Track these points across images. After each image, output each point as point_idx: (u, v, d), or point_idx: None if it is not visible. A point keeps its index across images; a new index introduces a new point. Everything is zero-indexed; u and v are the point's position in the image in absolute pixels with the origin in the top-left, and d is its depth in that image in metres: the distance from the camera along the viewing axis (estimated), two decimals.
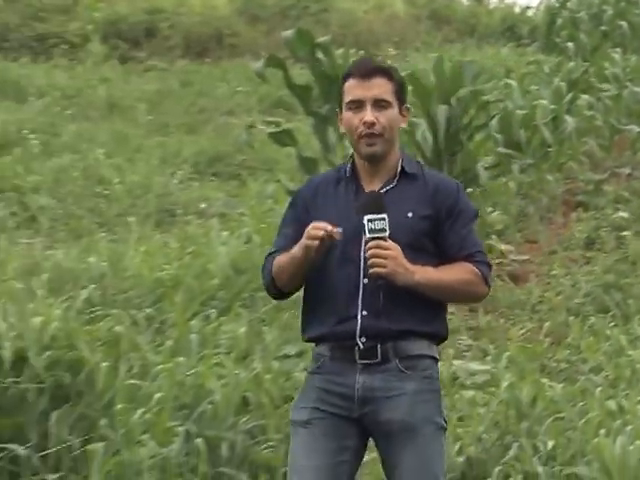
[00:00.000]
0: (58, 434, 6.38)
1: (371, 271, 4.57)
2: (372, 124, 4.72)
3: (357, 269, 4.69)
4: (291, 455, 4.85)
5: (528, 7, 29.78)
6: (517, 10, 30.26)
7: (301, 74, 12.41)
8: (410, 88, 11.90)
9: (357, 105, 4.77)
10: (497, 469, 6.92)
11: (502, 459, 7.02)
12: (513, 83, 16.44)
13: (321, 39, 12.08)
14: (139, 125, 18.72)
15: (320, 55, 11.79)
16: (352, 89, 4.81)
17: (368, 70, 4.83)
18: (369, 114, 4.73)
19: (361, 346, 4.66)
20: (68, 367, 6.67)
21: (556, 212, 13.25)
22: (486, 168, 12.27)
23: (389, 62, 20.94)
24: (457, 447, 7.16)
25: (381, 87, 4.79)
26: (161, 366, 7.23)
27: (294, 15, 25.63)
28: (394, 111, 4.81)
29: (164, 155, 16.42)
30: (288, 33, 12.29)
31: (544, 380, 8.06)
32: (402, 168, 4.85)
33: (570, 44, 22.44)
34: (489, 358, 9.16)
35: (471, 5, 30.71)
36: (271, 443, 6.94)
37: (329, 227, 4.56)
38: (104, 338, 7.17)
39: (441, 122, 11.39)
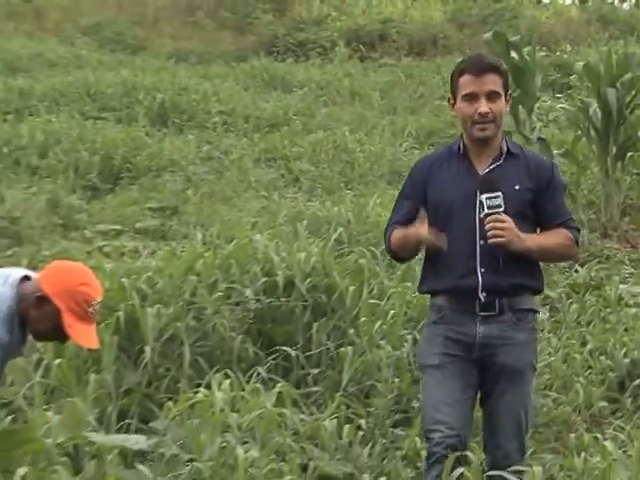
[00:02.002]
0: (318, 340, 6.43)
1: (491, 241, 4.41)
2: (486, 114, 4.51)
3: (473, 232, 4.51)
4: (425, 393, 4.70)
5: None
6: None
7: None
8: (585, 76, 11.77)
9: (472, 98, 4.54)
10: None
11: None
12: None
13: (513, 39, 11.89)
14: (374, 108, 18.71)
15: (512, 52, 11.63)
16: (467, 84, 4.57)
17: (481, 67, 4.60)
18: (484, 105, 4.51)
19: (482, 299, 4.50)
20: (324, 290, 6.71)
21: None
22: None
23: (565, 56, 20.89)
24: (623, 351, 7.04)
25: (493, 82, 4.56)
26: (394, 289, 7.23)
27: (492, 21, 25.29)
28: (502, 101, 4.60)
29: (393, 130, 16.40)
30: (487, 35, 12.17)
31: None
32: (508, 149, 4.65)
33: None
34: None
35: (631, 9, 30.06)
36: None
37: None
38: (351, 268, 7.20)
39: (609, 101, 11.13)
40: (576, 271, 9.30)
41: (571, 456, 4.89)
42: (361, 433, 5.47)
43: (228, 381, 5.43)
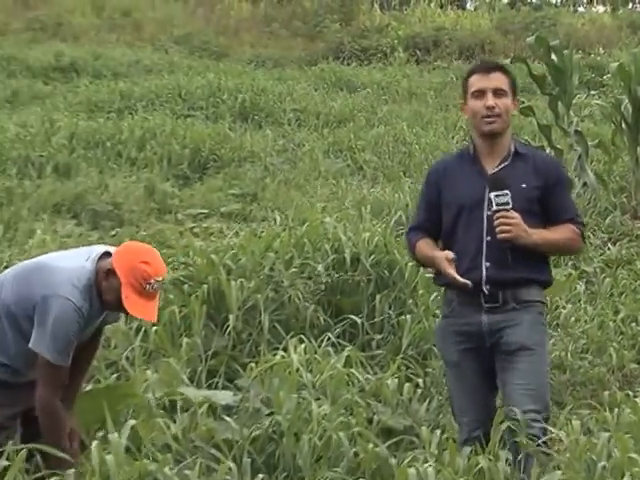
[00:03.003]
0: (381, 309, 6.42)
1: (500, 236, 4.24)
2: (493, 107, 4.37)
3: (481, 229, 4.34)
4: (449, 385, 4.63)
5: None
6: None
7: (538, 67, 12.16)
8: (618, 75, 11.59)
9: (480, 94, 4.41)
10: None
11: None
12: None
13: (552, 43, 11.74)
14: (429, 105, 18.61)
15: (552, 54, 11.50)
16: (476, 82, 4.46)
17: (489, 67, 4.54)
18: (490, 99, 4.37)
19: (486, 292, 4.31)
20: (386, 265, 6.68)
21: None
22: None
23: (598, 58, 20.65)
24: None
25: (499, 80, 4.44)
26: None
27: (533, 28, 25.00)
28: (508, 99, 4.44)
29: (446, 125, 16.29)
30: (530, 39, 12.02)
31: None
32: (515, 149, 4.47)
33: None
34: None
35: None
36: None
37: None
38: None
39: (639, 98, 10.98)
40: (609, 249, 9.20)
41: (605, 411, 4.83)
42: (419, 391, 5.46)
43: (302, 345, 5.44)
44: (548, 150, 10.22)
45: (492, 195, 4.29)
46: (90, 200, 10.77)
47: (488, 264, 4.32)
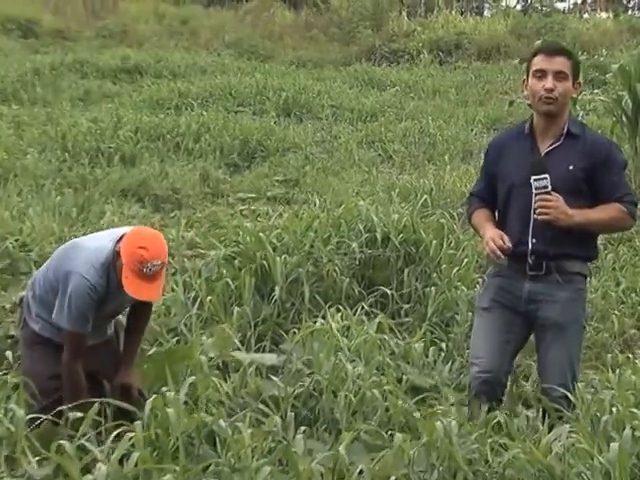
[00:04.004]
0: (408, 282, 6.38)
1: (540, 218, 4.02)
2: (551, 90, 4.08)
3: (529, 206, 4.08)
4: (474, 330, 4.43)
5: None
6: None
7: None
8: (619, 74, 11.45)
9: (541, 74, 4.10)
10: None
11: None
12: None
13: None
14: (451, 101, 18.49)
15: None
16: (539, 62, 4.13)
17: (553, 50, 4.19)
18: (550, 82, 4.07)
19: (531, 262, 4.11)
20: (413, 243, 6.63)
21: None
22: None
23: (601, 59, 20.43)
24: None
25: (561, 63, 4.11)
26: (467, 242, 7.16)
27: (543, 32, 24.87)
28: (569, 83, 4.13)
29: (466, 119, 16.16)
30: (539, 42, 11.92)
31: None
32: (568, 129, 4.17)
33: None
34: None
35: None
36: None
37: (504, 249, 4.03)
38: (433, 226, 7.10)
39: (638, 94, 10.82)
40: None
41: (608, 372, 4.78)
42: (443, 353, 5.44)
43: (339, 314, 5.44)
44: None
45: (532, 179, 4.05)
46: (152, 186, 10.81)
47: (534, 240, 4.12)
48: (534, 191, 4.05)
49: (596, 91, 16.28)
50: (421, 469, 3.44)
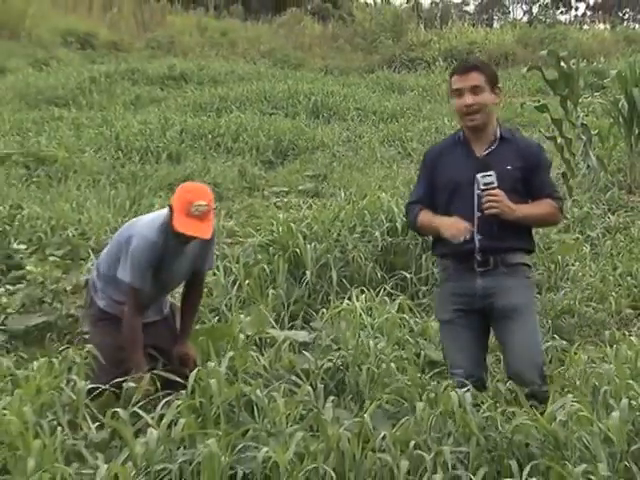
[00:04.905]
0: (426, 266, 6.35)
1: (487, 212, 3.86)
2: (470, 105, 3.96)
3: (472, 206, 3.93)
4: (444, 342, 4.21)
5: None
6: None
7: (551, 73, 11.93)
8: (616, 79, 11.33)
9: (459, 93, 3.99)
10: None
11: None
12: None
13: (562, 54, 11.44)
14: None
15: (562, 63, 11.25)
16: (455, 82, 4.02)
17: (465, 68, 4.05)
18: (468, 98, 3.96)
19: (479, 259, 3.95)
20: None
21: None
22: None
23: (600, 66, 20.25)
24: None
25: (474, 78, 3.98)
26: None
27: (547, 42, 24.69)
28: (486, 93, 3.99)
29: None
30: (544, 52, 11.76)
31: None
32: (501, 134, 4.05)
33: None
34: None
35: None
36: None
37: (467, 234, 3.88)
38: None
39: (634, 97, 10.71)
40: (609, 217, 9.01)
41: (606, 347, 4.75)
42: None
43: (363, 295, 5.42)
44: (559, 140, 9.99)
45: (479, 176, 3.90)
46: (196, 180, 10.82)
47: (480, 236, 3.95)
48: (481, 187, 3.90)
49: (595, 94, 16.14)
50: (438, 435, 3.43)
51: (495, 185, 3.90)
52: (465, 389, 3.61)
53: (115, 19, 28.25)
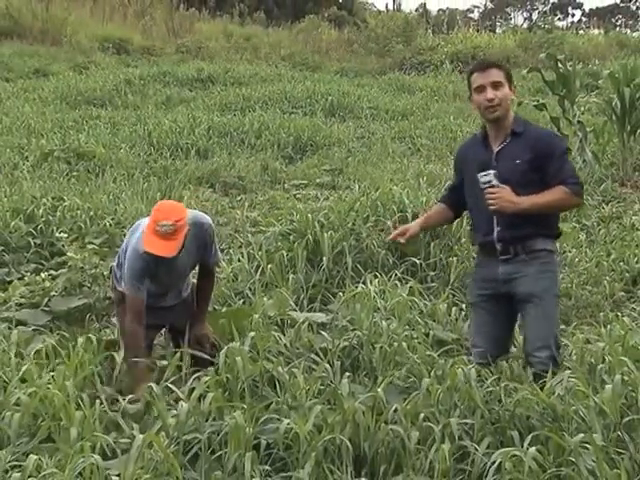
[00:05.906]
0: (434, 253, 6.30)
1: (490, 209, 3.86)
2: (492, 99, 3.90)
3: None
4: (470, 323, 4.31)
5: None
6: None
7: (549, 75, 11.85)
8: (609, 80, 11.24)
9: (481, 89, 3.93)
10: None
11: None
12: None
13: (560, 57, 11.43)
14: (469, 103, 18.27)
15: (560, 65, 11.17)
16: (476, 79, 3.96)
17: (485, 65, 4.01)
18: (490, 93, 3.90)
19: (499, 248, 3.94)
20: None
21: None
22: None
23: (594, 68, 20.10)
24: (635, 259, 6.79)
25: (495, 74, 3.93)
26: None
27: (546, 46, 24.44)
28: (506, 89, 3.94)
29: None
30: (543, 55, 11.76)
31: None
32: (512, 130, 3.96)
33: None
34: None
35: None
36: None
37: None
38: None
39: (625, 96, 10.64)
40: (603, 208, 8.97)
41: (600, 327, 4.72)
42: (463, 312, 5.36)
43: (376, 280, 5.41)
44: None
45: (478, 175, 3.90)
46: (222, 174, 10.85)
47: (499, 228, 3.94)
48: (481, 186, 3.90)
49: (590, 94, 16.02)
50: (445, 408, 3.43)
51: (494, 183, 3.86)
52: (470, 366, 3.60)
53: (148, 26, 28.27)
